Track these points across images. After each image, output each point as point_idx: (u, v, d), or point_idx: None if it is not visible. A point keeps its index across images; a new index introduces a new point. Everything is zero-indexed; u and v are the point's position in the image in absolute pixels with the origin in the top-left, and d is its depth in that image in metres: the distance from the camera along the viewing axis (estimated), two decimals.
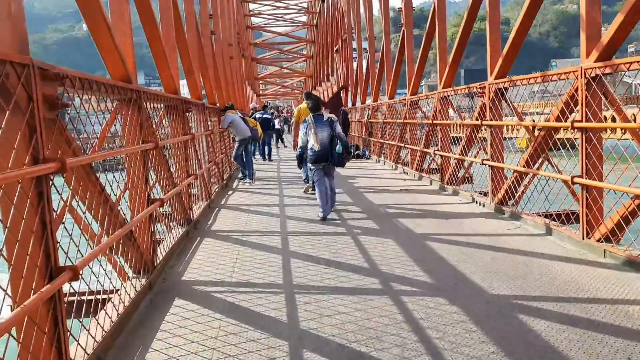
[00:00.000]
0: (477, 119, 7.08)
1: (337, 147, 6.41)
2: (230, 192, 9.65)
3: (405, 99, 11.24)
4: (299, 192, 8.99)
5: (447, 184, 8.56)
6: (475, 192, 7.60)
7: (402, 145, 11.70)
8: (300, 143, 6.81)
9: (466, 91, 7.92)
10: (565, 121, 4.74)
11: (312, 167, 6.81)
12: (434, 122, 9.10)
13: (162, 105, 5.73)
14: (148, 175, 4.37)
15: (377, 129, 14.78)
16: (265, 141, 15.98)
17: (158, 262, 4.42)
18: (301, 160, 7.00)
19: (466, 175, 8.24)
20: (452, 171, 8.39)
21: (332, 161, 6.53)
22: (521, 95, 6.43)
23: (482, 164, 6.98)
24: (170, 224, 5.63)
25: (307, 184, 8.79)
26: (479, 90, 6.90)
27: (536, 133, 5.73)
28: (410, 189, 9.33)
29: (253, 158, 11.96)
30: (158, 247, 4.63)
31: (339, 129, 6.62)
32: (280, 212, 7.28)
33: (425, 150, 9.89)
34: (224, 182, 10.45)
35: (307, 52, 43.04)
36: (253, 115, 13.96)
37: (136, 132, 4.16)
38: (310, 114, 6.74)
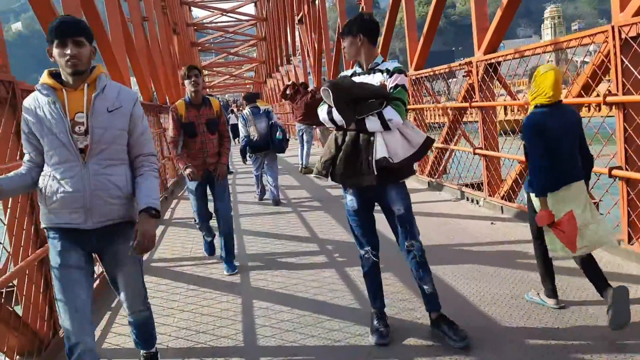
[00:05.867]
0: None
1: (277, 134, 6.96)
2: None
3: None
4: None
5: None
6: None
7: None
8: (241, 136, 7.15)
9: None
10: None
11: (251, 156, 7.24)
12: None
13: None
14: None
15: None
16: None
17: None
18: (245, 152, 7.24)
19: None
20: None
21: (272, 148, 6.99)
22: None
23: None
24: None
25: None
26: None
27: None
28: None
29: None
30: None
31: (274, 118, 7.15)
32: None
33: None
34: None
35: (258, 33, 38.03)
36: None
37: None
38: (248, 107, 7.23)
